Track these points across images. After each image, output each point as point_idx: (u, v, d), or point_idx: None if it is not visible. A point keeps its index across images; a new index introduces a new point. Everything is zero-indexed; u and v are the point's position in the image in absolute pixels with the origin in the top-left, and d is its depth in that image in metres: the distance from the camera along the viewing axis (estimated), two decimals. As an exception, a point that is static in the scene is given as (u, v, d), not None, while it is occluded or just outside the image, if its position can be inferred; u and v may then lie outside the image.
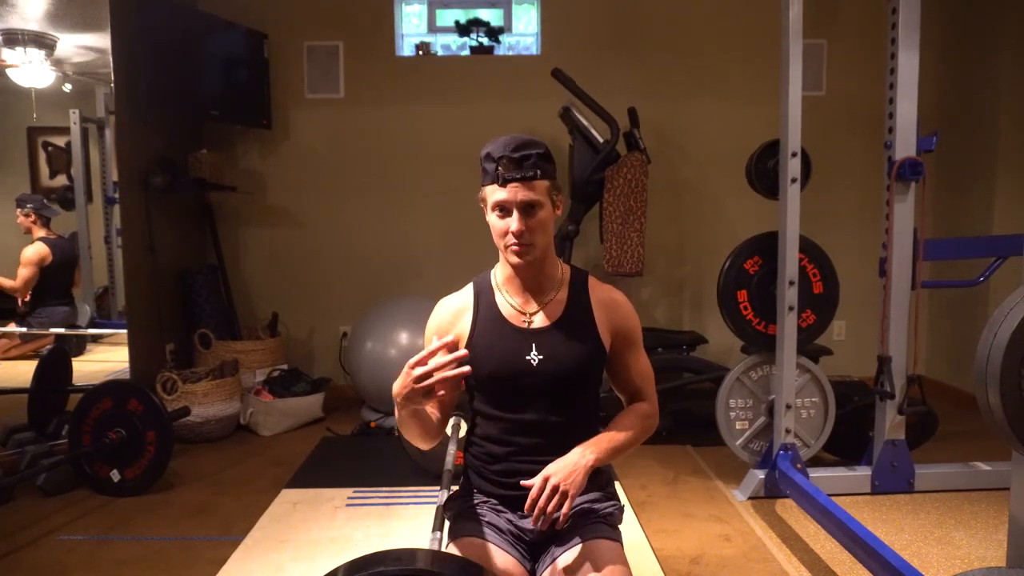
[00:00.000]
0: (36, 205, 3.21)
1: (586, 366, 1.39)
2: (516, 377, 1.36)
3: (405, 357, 1.29)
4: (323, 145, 4.00)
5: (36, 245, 3.21)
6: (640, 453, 2.97)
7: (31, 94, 3.16)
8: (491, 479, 1.42)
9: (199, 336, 3.61)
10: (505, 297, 1.42)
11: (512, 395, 1.38)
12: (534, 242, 1.33)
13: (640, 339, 1.47)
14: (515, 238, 1.31)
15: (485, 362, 1.37)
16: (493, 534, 1.35)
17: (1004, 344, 1.24)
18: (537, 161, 1.30)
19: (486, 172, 1.33)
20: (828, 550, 2.15)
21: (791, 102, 2.42)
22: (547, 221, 1.34)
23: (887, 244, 2.51)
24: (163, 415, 2.64)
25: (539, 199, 1.31)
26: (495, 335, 1.39)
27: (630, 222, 3.32)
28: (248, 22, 3.76)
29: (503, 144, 1.31)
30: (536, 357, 1.36)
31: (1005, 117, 3.56)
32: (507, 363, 1.37)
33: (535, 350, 1.37)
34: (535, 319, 1.40)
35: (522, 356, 1.36)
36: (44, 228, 3.22)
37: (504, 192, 1.30)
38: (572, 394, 1.39)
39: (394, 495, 2.60)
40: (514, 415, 1.38)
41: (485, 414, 1.43)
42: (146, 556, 2.14)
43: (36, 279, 3.20)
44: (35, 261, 3.19)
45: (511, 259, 1.35)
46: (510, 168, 1.29)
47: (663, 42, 3.94)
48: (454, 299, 1.47)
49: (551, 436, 1.37)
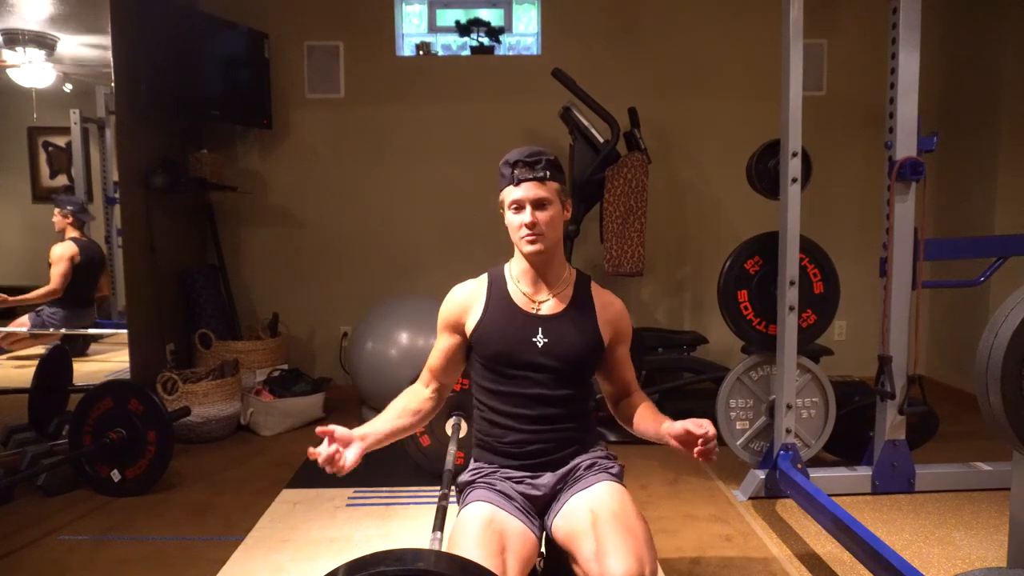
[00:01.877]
0: (76, 208, 3.23)
1: (586, 353, 1.54)
2: (522, 355, 1.51)
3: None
4: (323, 145, 4.00)
5: (66, 243, 3.22)
6: (641, 453, 2.97)
7: (31, 94, 3.16)
8: (501, 450, 1.54)
9: (199, 336, 3.61)
10: (517, 286, 1.58)
11: (517, 370, 1.52)
12: (545, 233, 1.48)
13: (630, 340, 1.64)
14: (528, 229, 1.47)
15: (494, 341, 1.53)
16: (503, 500, 1.46)
17: (1004, 344, 1.24)
18: (547, 164, 1.49)
19: (503, 177, 1.51)
20: (828, 550, 2.15)
21: (791, 102, 2.42)
22: (556, 218, 1.50)
23: (887, 244, 2.51)
24: (164, 415, 2.63)
25: (549, 197, 1.48)
26: (505, 317, 1.54)
27: (630, 222, 3.32)
28: (248, 22, 3.76)
29: (518, 152, 1.50)
30: (542, 340, 1.51)
31: (1006, 117, 3.56)
32: (514, 343, 1.51)
33: (541, 333, 1.52)
34: (543, 307, 1.55)
35: (529, 338, 1.51)
36: (77, 231, 3.24)
37: (519, 190, 1.47)
38: (571, 375, 1.53)
39: (394, 495, 2.60)
40: (518, 389, 1.52)
41: (492, 390, 1.55)
42: (146, 556, 2.14)
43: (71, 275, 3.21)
44: (67, 257, 3.21)
45: (524, 248, 1.50)
46: (524, 170, 1.48)
47: (663, 42, 3.94)
48: (468, 284, 1.62)
49: (550, 409, 1.52)
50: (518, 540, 1.40)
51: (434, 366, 1.62)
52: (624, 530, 1.33)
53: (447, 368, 1.62)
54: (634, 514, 1.39)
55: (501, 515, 1.43)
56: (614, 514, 1.37)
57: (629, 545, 1.30)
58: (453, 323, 1.59)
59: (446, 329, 1.61)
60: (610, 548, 1.30)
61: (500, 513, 1.43)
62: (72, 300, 3.26)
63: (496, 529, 1.39)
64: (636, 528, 1.35)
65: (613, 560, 1.27)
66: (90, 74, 3.30)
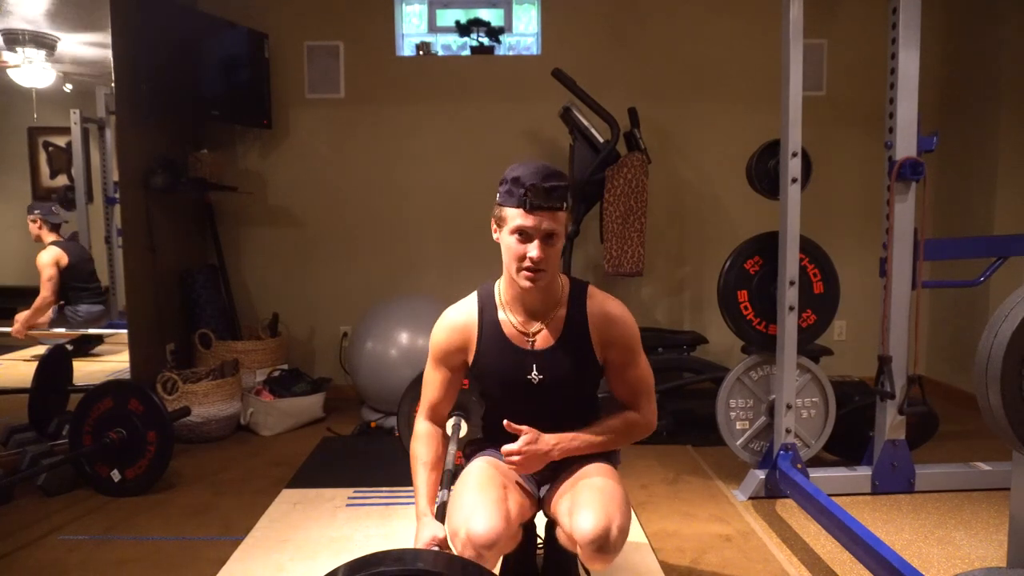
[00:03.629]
0: (43, 212, 3.22)
1: (581, 381, 1.55)
2: (517, 390, 1.53)
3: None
4: (323, 145, 4.00)
5: (48, 249, 3.22)
6: (640, 453, 2.98)
7: (31, 94, 3.16)
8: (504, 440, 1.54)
9: (199, 336, 3.61)
10: (508, 316, 1.53)
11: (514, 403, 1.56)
12: (547, 269, 1.41)
13: (638, 349, 1.56)
14: (532, 264, 1.39)
15: (489, 378, 1.56)
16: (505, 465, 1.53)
17: (1004, 344, 1.24)
18: (563, 193, 1.38)
19: (511, 195, 1.38)
20: (828, 550, 2.15)
21: (791, 102, 2.42)
22: (560, 250, 1.45)
23: (887, 244, 2.51)
24: (164, 415, 2.63)
25: (559, 230, 1.40)
26: (498, 354, 1.53)
27: (630, 222, 3.32)
28: (248, 22, 3.76)
29: (533, 172, 1.36)
30: (536, 376, 1.51)
31: (1005, 116, 3.56)
32: (510, 380, 1.53)
33: (535, 370, 1.51)
34: (537, 338, 1.52)
35: (523, 375, 1.51)
36: (53, 233, 3.24)
37: (530, 219, 1.36)
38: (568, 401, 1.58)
39: (394, 495, 2.60)
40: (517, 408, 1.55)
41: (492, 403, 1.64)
42: (146, 556, 2.14)
43: (58, 279, 3.22)
44: (50, 263, 3.21)
45: (522, 283, 1.43)
46: (539, 196, 1.35)
47: (663, 42, 3.94)
48: (458, 313, 1.56)
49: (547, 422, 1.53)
50: (517, 490, 1.52)
51: (435, 402, 1.61)
52: (596, 490, 1.43)
53: (448, 397, 1.62)
54: (612, 481, 1.48)
55: (504, 467, 1.52)
56: (591, 479, 1.47)
57: (599, 502, 1.39)
58: (449, 357, 1.57)
59: (442, 363, 1.58)
60: (582, 504, 1.40)
61: (502, 466, 1.53)
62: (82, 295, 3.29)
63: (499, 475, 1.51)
64: (609, 489, 1.44)
65: (583, 514, 1.37)
66: (90, 74, 3.30)
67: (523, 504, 1.51)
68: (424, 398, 1.63)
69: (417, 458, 1.57)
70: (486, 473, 1.51)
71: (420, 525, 1.47)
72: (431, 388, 1.61)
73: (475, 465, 1.57)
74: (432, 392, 1.61)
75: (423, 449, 1.58)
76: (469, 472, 1.54)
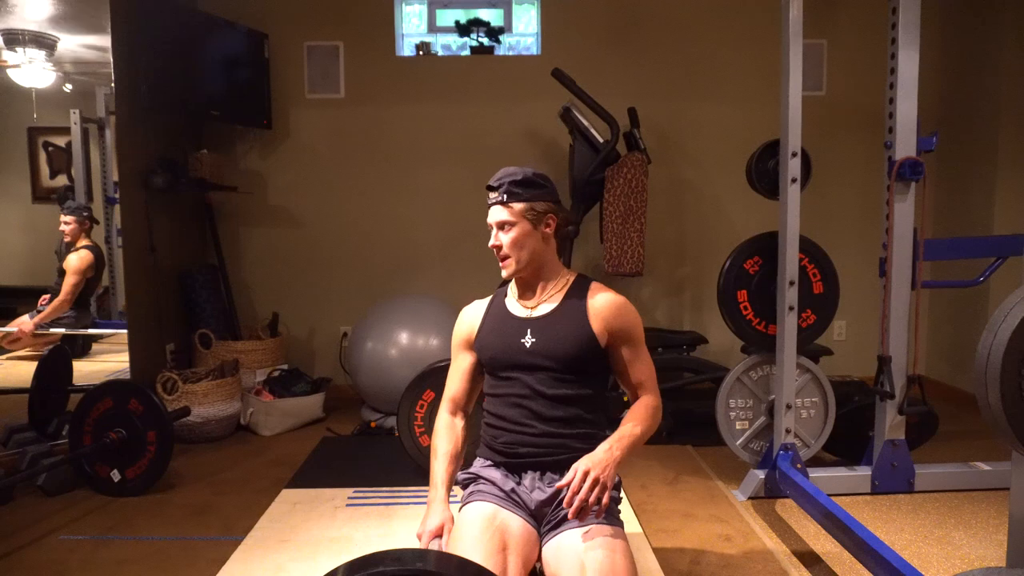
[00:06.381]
0: (90, 213, 3.22)
1: (576, 348, 1.54)
2: (511, 357, 1.57)
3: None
4: (323, 145, 4.00)
5: (82, 253, 3.22)
6: (640, 453, 2.97)
7: (31, 94, 3.16)
8: (499, 449, 1.58)
9: (199, 336, 3.61)
10: (513, 296, 1.67)
11: (509, 372, 1.58)
12: (510, 254, 1.57)
13: (641, 338, 1.62)
14: (496, 251, 1.58)
15: (488, 347, 1.62)
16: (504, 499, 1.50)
17: (1004, 344, 1.24)
18: (509, 187, 1.54)
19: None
20: (828, 550, 2.15)
21: (791, 102, 2.42)
22: (523, 238, 1.56)
23: (887, 244, 2.51)
24: (163, 415, 2.63)
25: (511, 219, 1.55)
26: (498, 325, 1.63)
27: (630, 222, 3.32)
28: (248, 22, 3.76)
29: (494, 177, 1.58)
30: (530, 340, 1.57)
31: (1006, 116, 3.56)
32: (505, 346, 1.59)
33: (530, 334, 1.57)
34: (535, 311, 1.61)
35: (517, 339, 1.57)
36: (88, 237, 3.25)
37: (489, 214, 1.58)
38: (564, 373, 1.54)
39: (394, 495, 2.60)
40: (510, 390, 1.57)
41: (491, 394, 1.63)
42: (146, 556, 2.14)
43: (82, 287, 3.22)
44: (82, 269, 3.22)
45: (501, 271, 1.61)
46: (490, 194, 1.58)
47: (663, 42, 3.94)
48: (475, 303, 1.73)
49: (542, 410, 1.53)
50: (520, 538, 1.42)
51: (456, 394, 1.69)
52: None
53: (469, 392, 1.69)
54: (622, 569, 1.34)
55: (503, 514, 1.45)
56: (595, 551, 1.35)
57: None
58: (464, 340, 1.68)
59: (460, 347, 1.70)
60: None
61: (502, 512, 1.45)
62: (79, 302, 3.28)
63: (497, 527, 1.41)
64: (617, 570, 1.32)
65: None
66: (90, 74, 3.30)
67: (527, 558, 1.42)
68: (445, 390, 1.71)
69: (436, 450, 1.62)
70: (484, 536, 1.39)
71: (430, 511, 1.51)
72: (451, 380, 1.71)
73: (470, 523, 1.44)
74: (451, 383, 1.70)
75: (442, 442, 1.63)
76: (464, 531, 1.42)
